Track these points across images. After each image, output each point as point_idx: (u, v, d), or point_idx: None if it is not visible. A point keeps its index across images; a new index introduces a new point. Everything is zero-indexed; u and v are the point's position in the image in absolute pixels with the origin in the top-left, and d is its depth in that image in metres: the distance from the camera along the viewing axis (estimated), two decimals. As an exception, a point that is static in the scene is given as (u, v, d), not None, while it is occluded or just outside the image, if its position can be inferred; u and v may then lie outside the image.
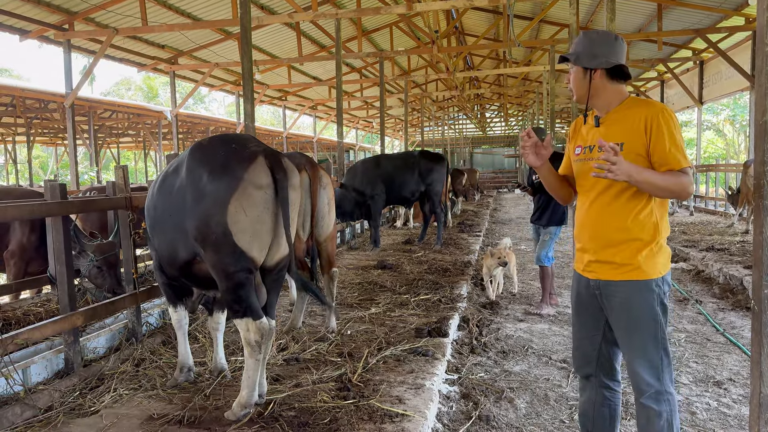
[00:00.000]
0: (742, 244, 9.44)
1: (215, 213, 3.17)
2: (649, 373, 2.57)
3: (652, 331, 2.57)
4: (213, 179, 3.21)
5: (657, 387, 2.55)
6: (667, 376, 2.58)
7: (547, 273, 6.48)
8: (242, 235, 3.19)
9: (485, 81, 28.95)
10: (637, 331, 2.59)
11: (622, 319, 2.63)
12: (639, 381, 2.61)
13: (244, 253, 3.21)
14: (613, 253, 2.62)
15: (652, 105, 2.57)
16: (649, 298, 2.57)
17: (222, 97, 53.83)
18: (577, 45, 2.71)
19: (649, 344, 2.57)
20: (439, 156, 10.76)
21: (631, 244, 2.58)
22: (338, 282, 7.02)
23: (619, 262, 2.60)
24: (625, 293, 2.60)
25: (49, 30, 12.60)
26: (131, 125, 26.24)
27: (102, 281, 5.38)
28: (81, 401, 3.68)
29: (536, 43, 17.56)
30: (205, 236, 3.22)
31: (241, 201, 3.17)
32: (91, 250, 5.38)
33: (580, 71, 2.68)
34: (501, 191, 34.26)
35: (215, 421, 3.32)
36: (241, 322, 3.29)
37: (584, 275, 2.76)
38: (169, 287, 3.89)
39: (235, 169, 3.21)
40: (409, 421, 3.26)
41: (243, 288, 3.25)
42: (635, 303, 2.59)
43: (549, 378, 4.44)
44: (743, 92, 16.61)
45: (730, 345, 5.16)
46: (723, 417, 3.72)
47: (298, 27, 16.27)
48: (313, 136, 31.73)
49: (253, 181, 3.20)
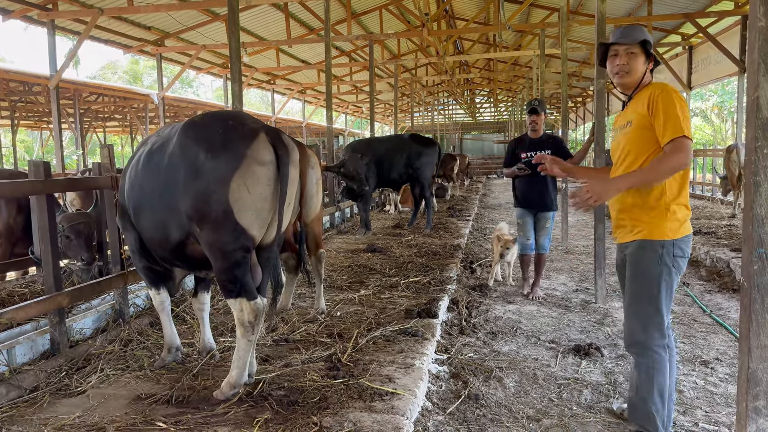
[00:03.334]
0: (729, 227, 9.52)
1: (215, 190, 3.08)
2: (637, 325, 2.90)
3: (647, 287, 2.87)
4: (213, 156, 3.11)
5: (640, 338, 2.84)
6: (656, 332, 2.90)
7: (545, 259, 6.41)
8: (244, 213, 3.12)
9: (475, 66, 28.85)
10: (633, 285, 2.96)
11: (627, 276, 3.03)
12: (626, 331, 3.02)
13: (245, 231, 3.15)
14: (628, 215, 3.00)
15: (658, 85, 2.96)
16: (651, 257, 2.87)
17: (210, 82, 53.39)
18: (643, 34, 3.00)
19: (642, 298, 2.89)
20: (430, 140, 10.71)
21: (640, 208, 2.93)
22: (328, 265, 7.01)
23: (632, 225, 2.98)
24: (632, 252, 2.98)
25: (32, 10, 12.35)
26: (117, 109, 25.90)
27: (73, 252, 5.32)
28: (67, 381, 3.65)
29: (526, 26, 17.48)
30: (204, 214, 3.13)
31: (245, 178, 3.10)
32: (58, 220, 5.32)
33: (643, 57, 3.01)
34: (490, 177, 34.29)
35: (204, 401, 3.30)
36: (235, 303, 3.24)
37: (615, 241, 3.18)
38: (149, 270, 3.79)
39: (238, 145, 3.13)
40: (398, 399, 3.26)
41: (239, 267, 3.20)
42: (636, 259, 2.95)
43: (537, 358, 4.45)
44: (731, 78, 16.66)
45: (716, 326, 5.21)
46: (710, 395, 3.75)
47: (286, 8, 16.07)
48: (302, 121, 31.50)
49: (256, 158, 3.14)
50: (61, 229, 5.30)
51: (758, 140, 2.30)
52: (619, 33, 3.05)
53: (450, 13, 20.10)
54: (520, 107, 30.31)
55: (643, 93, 2.97)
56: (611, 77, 3.14)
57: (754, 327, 2.36)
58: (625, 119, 3.08)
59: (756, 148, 2.31)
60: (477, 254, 8.64)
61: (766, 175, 2.30)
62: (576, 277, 7.22)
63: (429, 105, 36.27)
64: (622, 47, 3.03)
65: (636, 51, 3.01)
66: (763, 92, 2.28)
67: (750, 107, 2.34)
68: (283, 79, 24.59)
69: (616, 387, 3.86)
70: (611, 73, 3.11)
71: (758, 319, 2.34)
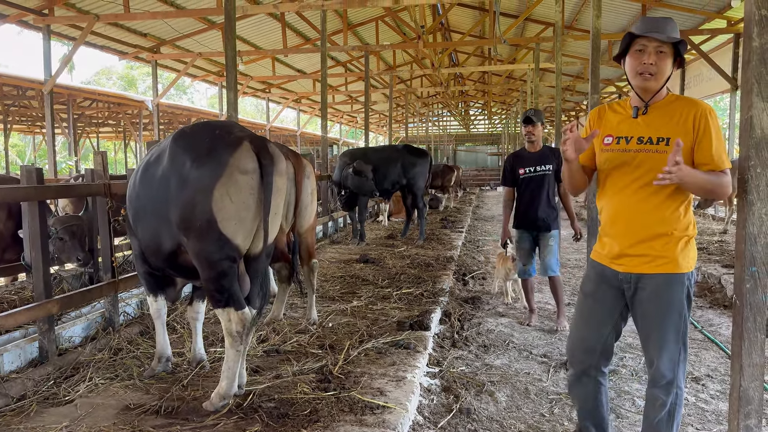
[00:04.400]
0: (720, 243, 9.56)
1: (200, 200, 3.10)
2: (667, 365, 2.60)
3: (675, 324, 2.59)
4: (197, 165, 3.13)
5: (669, 378, 2.60)
6: (682, 370, 2.62)
7: (560, 282, 5.67)
8: (227, 222, 3.12)
9: (470, 78, 28.98)
10: (662, 323, 2.60)
11: (649, 310, 2.63)
12: (655, 371, 2.63)
13: (228, 241, 3.15)
14: (649, 246, 2.60)
15: (700, 103, 2.57)
16: (678, 291, 2.58)
17: (205, 89, 53.36)
18: (674, 30, 2.53)
19: (670, 337, 2.59)
20: (423, 151, 10.78)
21: (669, 237, 2.58)
22: (320, 275, 6.99)
23: (654, 255, 2.59)
24: (657, 285, 2.60)
25: (28, 15, 12.31)
26: (111, 114, 25.84)
27: (68, 253, 5.29)
28: (55, 390, 3.61)
29: (521, 40, 17.59)
30: (189, 224, 3.14)
31: (227, 187, 3.10)
32: (50, 224, 5.30)
33: (671, 59, 2.55)
34: (483, 189, 34.39)
35: (193, 412, 3.27)
36: (222, 313, 3.23)
37: (611, 267, 2.72)
38: (150, 276, 3.80)
39: (221, 154, 3.14)
40: (390, 413, 3.24)
41: (226, 277, 3.19)
42: (665, 295, 2.59)
43: (529, 372, 4.44)
44: (723, 94, 16.82)
45: (707, 342, 5.22)
46: (701, 412, 3.75)
47: (283, 18, 16.12)
48: (296, 129, 31.52)
49: (239, 167, 3.14)
50: (55, 231, 5.28)
51: (751, 159, 2.33)
52: (650, 24, 2.54)
53: (446, 26, 20.23)
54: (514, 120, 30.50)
55: (676, 107, 2.57)
56: (631, 77, 2.61)
57: (746, 345, 2.37)
58: (644, 132, 2.59)
59: (749, 167, 2.33)
60: (470, 266, 8.64)
61: (758, 194, 2.32)
62: (568, 291, 7.22)
63: (423, 116, 36.39)
64: (652, 44, 2.51)
65: (666, 51, 2.52)
66: (756, 111, 2.30)
67: (743, 126, 2.36)
68: (278, 87, 24.62)
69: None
70: (633, 72, 2.57)
71: (750, 337, 2.35)
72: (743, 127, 2.37)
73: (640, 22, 2.59)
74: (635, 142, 2.59)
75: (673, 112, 2.56)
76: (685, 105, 2.56)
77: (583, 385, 2.88)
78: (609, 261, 2.74)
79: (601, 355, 2.82)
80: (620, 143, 2.65)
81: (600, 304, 2.80)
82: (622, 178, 2.65)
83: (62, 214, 5.71)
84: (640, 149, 2.57)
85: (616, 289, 2.72)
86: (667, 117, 2.56)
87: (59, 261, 5.52)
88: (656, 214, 2.58)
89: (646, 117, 2.62)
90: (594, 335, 2.81)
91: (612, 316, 2.77)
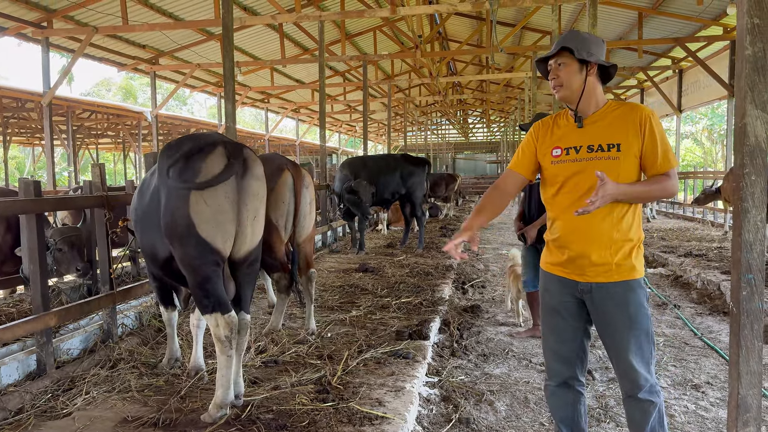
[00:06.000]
0: (720, 250, 9.56)
1: (179, 205, 3.23)
2: (644, 368, 2.62)
3: (645, 327, 2.62)
4: (176, 173, 3.26)
5: (651, 381, 2.63)
6: (653, 369, 2.67)
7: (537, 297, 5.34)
8: (205, 226, 3.22)
9: (468, 87, 29.08)
10: (633, 329, 2.61)
11: (617, 318, 2.62)
12: (636, 377, 2.61)
13: (208, 245, 3.23)
14: (609, 254, 2.60)
15: (641, 108, 2.62)
16: (640, 295, 2.64)
17: (204, 99, 53.49)
18: (569, 40, 2.63)
19: (643, 340, 2.62)
20: (421, 159, 10.77)
21: (626, 245, 2.61)
22: (319, 285, 6.98)
23: (616, 263, 2.60)
24: (622, 293, 2.61)
25: (27, 27, 12.38)
26: (110, 126, 25.88)
27: (67, 264, 5.32)
28: (53, 403, 3.59)
29: (518, 49, 17.68)
30: (172, 230, 3.27)
31: (201, 191, 3.21)
32: (49, 235, 5.33)
33: (575, 65, 2.62)
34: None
35: (191, 424, 3.26)
36: (210, 318, 3.29)
37: (570, 278, 2.71)
38: (160, 290, 4.09)
39: (195, 160, 3.26)
40: (388, 423, 3.23)
41: (210, 282, 3.27)
42: (632, 301, 2.61)
43: (529, 381, 4.43)
44: (721, 101, 16.87)
45: (707, 349, 5.21)
46: (701, 420, 3.74)
47: (281, 29, 16.20)
48: (295, 139, 31.58)
49: (211, 171, 3.24)
50: (53, 243, 5.29)
51: (746, 167, 2.32)
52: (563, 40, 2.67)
53: (443, 35, 20.32)
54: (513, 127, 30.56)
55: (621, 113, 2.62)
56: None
57: (744, 353, 2.36)
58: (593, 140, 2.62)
59: (744, 174, 2.33)
60: (469, 275, 8.63)
61: (753, 202, 2.32)
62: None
63: (422, 125, 36.48)
64: (552, 60, 2.69)
65: (565, 61, 2.63)
66: (750, 119, 2.31)
67: (737, 134, 2.37)
68: (277, 98, 24.70)
69: (607, 411, 3.83)
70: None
71: (747, 344, 2.34)
72: (737, 134, 2.37)
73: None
74: (585, 151, 2.62)
75: (618, 117, 2.61)
76: (629, 110, 2.61)
77: (562, 395, 2.88)
78: (566, 272, 2.73)
79: (577, 363, 2.82)
80: (570, 153, 2.66)
81: (567, 316, 2.77)
82: (576, 189, 2.64)
83: (61, 226, 5.73)
84: (591, 157, 2.59)
85: (577, 299, 2.72)
86: (614, 124, 2.61)
87: (58, 273, 5.52)
88: (612, 223, 2.59)
89: (592, 125, 2.64)
90: (566, 347, 2.80)
91: (579, 326, 2.77)
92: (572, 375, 2.82)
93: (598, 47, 2.65)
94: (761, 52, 2.28)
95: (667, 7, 13.84)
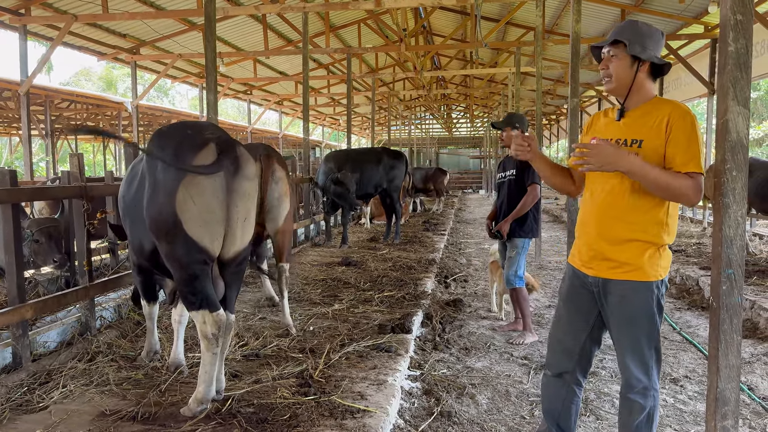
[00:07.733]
0: (699, 246, 9.69)
1: (166, 202, 3.10)
2: (640, 369, 2.59)
3: (645, 329, 2.58)
4: (164, 167, 3.14)
5: (645, 383, 2.59)
6: (656, 373, 2.62)
7: (522, 295, 5.38)
8: (192, 224, 3.11)
9: (452, 82, 29.09)
10: (631, 329, 2.59)
11: (616, 316, 2.63)
12: (629, 376, 2.62)
13: (195, 243, 3.13)
14: (616, 251, 2.58)
15: (675, 106, 2.54)
16: (647, 298, 2.57)
17: (186, 91, 52.93)
18: (623, 31, 2.57)
19: (641, 342, 2.58)
20: (399, 153, 10.94)
21: (636, 243, 2.56)
22: (301, 278, 6.95)
23: (621, 261, 2.58)
24: (624, 292, 2.58)
25: (4, 15, 12.09)
26: (90, 116, 25.50)
27: (45, 255, 5.23)
28: (29, 397, 3.53)
29: (502, 44, 17.70)
30: (159, 226, 3.15)
31: (189, 189, 3.09)
32: (26, 226, 5.24)
33: (628, 60, 2.56)
34: (466, 192, 34.55)
35: (170, 417, 3.22)
36: (197, 315, 3.21)
37: (582, 271, 2.73)
38: (143, 285, 3.99)
39: (185, 156, 3.13)
40: (370, 416, 3.22)
41: (197, 279, 3.17)
42: (632, 302, 2.58)
43: (510, 374, 4.45)
44: (701, 99, 17.07)
45: (686, 343, 5.27)
46: (679, 413, 3.78)
47: (264, 20, 16.03)
48: (278, 132, 31.38)
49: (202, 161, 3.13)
50: (30, 234, 5.20)
51: (727, 162, 2.34)
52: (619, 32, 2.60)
53: (428, 29, 20.28)
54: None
55: (655, 109, 2.55)
56: None
57: (723, 347, 2.38)
58: (623, 134, 2.60)
59: (725, 170, 2.35)
60: (452, 269, 8.65)
61: (734, 197, 2.34)
62: (549, 293, 7.26)
63: (406, 119, 36.45)
64: (604, 49, 2.64)
65: (617, 53, 2.57)
66: (732, 115, 2.32)
67: (719, 130, 2.38)
68: (260, 90, 24.48)
69: (588, 404, 3.86)
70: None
71: (727, 339, 2.36)
72: (719, 130, 2.39)
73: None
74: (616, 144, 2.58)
75: (651, 114, 2.55)
76: (663, 106, 2.54)
77: (556, 387, 2.89)
78: (580, 264, 2.75)
79: (579, 361, 2.82)
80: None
81: (576, 308, 2.79)
82: (596, 180, 2.67)
83: (38, 217, 5.63)
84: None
85: (590, 292, 2.72)
86: (645, 119, 2.56)
87: (35, 264, 5.43)
88: (625, 217, 2.57)
89: (627, 120, 2.62)
90: (571, 338, 2.81)
91: (588, 321, 2.76)
92: (570, 369, 2.83)
93: (655, 42, 2.57)
94: (743, 49, 2.30)
95: (650, 4, 13.94)
